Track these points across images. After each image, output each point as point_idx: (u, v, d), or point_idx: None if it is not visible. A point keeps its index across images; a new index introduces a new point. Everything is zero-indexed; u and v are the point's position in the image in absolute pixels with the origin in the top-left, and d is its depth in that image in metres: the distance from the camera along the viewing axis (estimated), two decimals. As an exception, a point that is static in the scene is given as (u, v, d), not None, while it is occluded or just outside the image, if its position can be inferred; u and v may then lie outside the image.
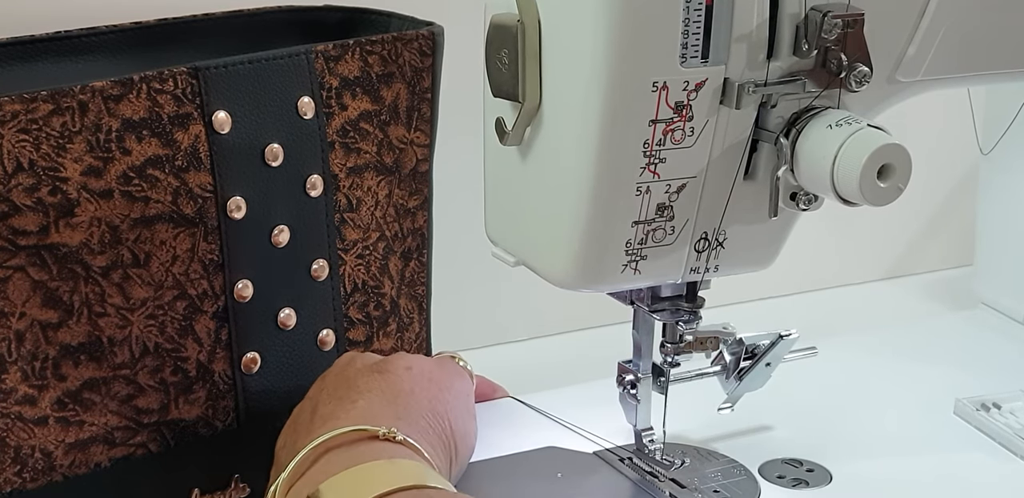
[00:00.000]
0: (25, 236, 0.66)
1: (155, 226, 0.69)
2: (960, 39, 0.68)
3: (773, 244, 0.69)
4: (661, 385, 0.73)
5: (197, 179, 0.70)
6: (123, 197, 0.68)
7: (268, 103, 0.72)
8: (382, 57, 0.77)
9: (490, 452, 0.75)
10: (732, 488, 0.72)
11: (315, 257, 0.76)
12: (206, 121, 0.70)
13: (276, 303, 0.75)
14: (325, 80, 0.74)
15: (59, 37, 0.75)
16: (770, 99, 0.64)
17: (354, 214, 0.77)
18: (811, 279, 1.14)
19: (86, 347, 0.68)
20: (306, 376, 0.77)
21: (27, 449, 0.68)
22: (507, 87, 0.65)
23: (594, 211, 0.64)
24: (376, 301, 0.80)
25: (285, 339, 0.76)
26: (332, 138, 0.75)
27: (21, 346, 0.67)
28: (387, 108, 0.78)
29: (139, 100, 0.68)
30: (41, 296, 0.67)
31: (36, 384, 0.67)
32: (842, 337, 0.82)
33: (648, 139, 0.63)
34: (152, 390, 0.71)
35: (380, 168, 0.78)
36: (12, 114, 0.64)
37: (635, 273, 0.66)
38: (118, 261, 0.69)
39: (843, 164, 0.62)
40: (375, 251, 0.79)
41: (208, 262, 0.72)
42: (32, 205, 0.66)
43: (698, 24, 0.62)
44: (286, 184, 0.74)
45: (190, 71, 0.69)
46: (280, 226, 0.74)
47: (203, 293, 0.72)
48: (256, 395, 0.75)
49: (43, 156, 0.65)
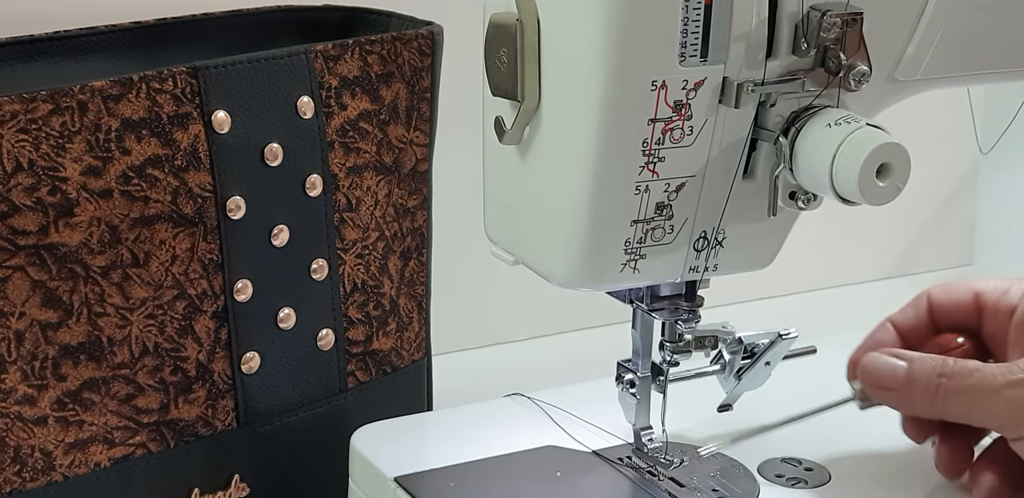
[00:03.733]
0: (24, 236, 0.66)
1: (155, 226, 0.69)
2: (959, 38, 0.68)
3: (772, 243, 0.69)
4: (660, 384, 0.73)
5: (196, 179, 0.70)
6: (123, 197, 0.68)
7: (267, 103, 0.72)
8: (381, 57, 0.77)
9: (490, 451, 0.75)
10: (731, 487, 0.72)
11: (314, 257, 0.76)
12: (205, 121, 0.70)
13: (275, 303, 0.75)
14: (324, 80, 0.74)
15: (58, 37, 0.75)
16: (769, 98, 0.64)
17: (353, 214, 0.77)
18: (811, 279, 1.15)
19: (86, 347, 0.68)
20: (306, 376, 0.77)
21: (27, 449, 0.68)
22: (506, 86, 0.65)
23: (593, 210, 0.64)
24: (375, 301, 0.80)
25: (285, 339, 0.76)
26: (331, 138, 0.75)
27: (21, 346, 0.67)
28: (386, 108, 0.78)
29: (139, 100, 0.68)
30: (41, 296, 0.67)
31: (36, 384, 0.67)
32: (842, 337, 0.82)
33: (647, 138, 0.63)
34: (152, 390, 0.71)
35: (379, 168, 0.78)
36: (12, 114, 0.64)
37: (634, 272, 0.66)
38: (118, 261, 0.69)
39: (842, 163, 0.62)
40: (374, 251, 0.79)
41: (208, 262, 0.72)
42: (32, 205, 0.66)
43: (697, 23, 0.62)
44: (285, 184, 0.74)
45: (189, 71, 0.69)
46: (279, 226, 0.74)
47: (203, 293, 0.72)
48: (256, 395, 0.75)
49: (42, 156, 0.65)
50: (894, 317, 0.75)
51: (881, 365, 0.70)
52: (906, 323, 0.75)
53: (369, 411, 0.79)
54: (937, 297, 0.75)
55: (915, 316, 0.75)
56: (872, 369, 0.71)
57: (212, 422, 0.74)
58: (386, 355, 0.81)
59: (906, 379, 0.69)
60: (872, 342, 0.75)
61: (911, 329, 0.75)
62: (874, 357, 0.71)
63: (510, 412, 0.79)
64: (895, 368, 0.70)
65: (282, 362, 0.76)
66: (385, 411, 0.79)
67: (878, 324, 0.75)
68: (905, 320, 0.75)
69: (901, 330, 0.75)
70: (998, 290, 0.73)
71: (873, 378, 0.71)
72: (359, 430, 0.76)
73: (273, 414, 0.76)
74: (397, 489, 0.71)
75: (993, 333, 0.73)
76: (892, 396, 0.70)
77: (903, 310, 0.76)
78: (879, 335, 0.75)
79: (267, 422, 0.76)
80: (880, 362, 0.70)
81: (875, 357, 0.71)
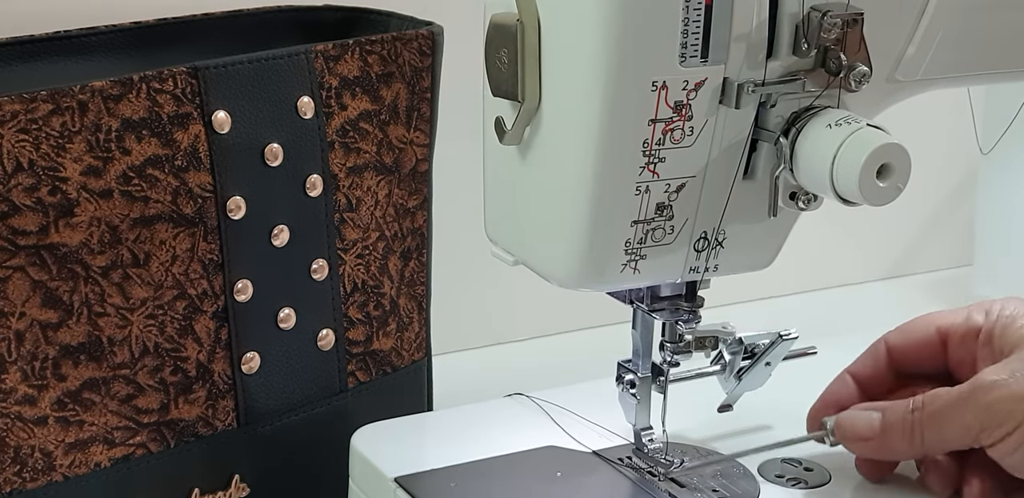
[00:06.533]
0: (25, 236, 0.66)
1: (155, 226, 0.69)
2: (960, 39, 0.68)
3: (773, 244, 0.69)
4: (661, 384, 0.73)
5: (197, 179, 0.70)
6: (123, 197, 0.68)
7: (268, 103, 0.72)
8: (382, 57, 0.77)
9: (490, 452, 0.75)
10: (731, 487, 0.72)
11: (315, 257, 0.76)
12: (206, 121, 0.70)
13: (276, 303, 0.75)
14: (325, 80, 0.74)
15: (58, 37, 0.75)
16: (769, 99, 0.64)
17: (354, 214, 0.77)
18: (811, 279, 1.15)
19: (86, 347, 0.68)
20: (306, 376, 0.77)
21: (27, 449, 0.68)
22: (506, 86, 0.65)
23: (593, 210, 0.64)
24: (376, 301, 0.80)
25: (285, 339, 0.76)
26: (332, 138, 0.75)
27: (21, 346, 0.67)
28: (387, 108, 0.78)
29: (139, 100, 0.68)
30: (41, 296, 0.67)
31: (36, 384, 0.67)
32: (842, 337, 0.82)
33: (647, 138, 0.63)
34: (152, 390, 0.71)
35: (380, 168, 0.78)
36: (12, 114, 0.64)
37: (634, 272, 0.66)
38: (118, 261, 0.69)
39: (842, 164, 0.62)
40: (375, 251, 0.79)
41: (208, 262, 0.72)
42: (32, 205, 0.66)
43: (697, 24, 0.62)
44: (286, 184, 0.74)
45: (190, 71, 0.69)
46: (280, 226, 0.74)
47: (203, 293, 0.72)
48: (256, 395, 0.75)
49: (43, 156, 0.65)
50: (852, 368, 0.76)
51: (857, 419, 0.72)
52: (864, 373, 0.76)
53: (369, 411, 0.79)
54: (894, 341, 0.76)
55: (872, 365, 0.76)
56: (849, 424, 0.72)
57: (212, 422, 0.74)
58: (386, 355, 0.81)
59: (882, 426, 0.71)
60: (830, 396, 0.75)
61: (869, 378, 0.75)
62: (849, 414, 0.72)
63: (510, 412, 0.79)
64: (870, 419, 0.71)
65: (282, 362, 0.76)
66: (385, 411, 0.79)
67: (836, 377, 0.76)
68: (863, 370, 0.76)
69: (860, 380, 0.75)
70: (958, 318, 0.74)
71: (851, 432, 0.72)
72: (359, 430, 0.76)
73: (273, 414, 0.76)
74: (397, 489, 0.71)
75: (961, 359, 0.74)
76: (872, 445, 0.71)
77: (861, 360, 0.76)
78: (836, 388, 0.76)
79: (267, 422, 0.76)
80: (856, 417, 0.72)
81: (850, 413, 0.72)
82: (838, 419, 0.72)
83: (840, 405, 0.74)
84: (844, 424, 0.72)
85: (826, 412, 0.74)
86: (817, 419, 0.74)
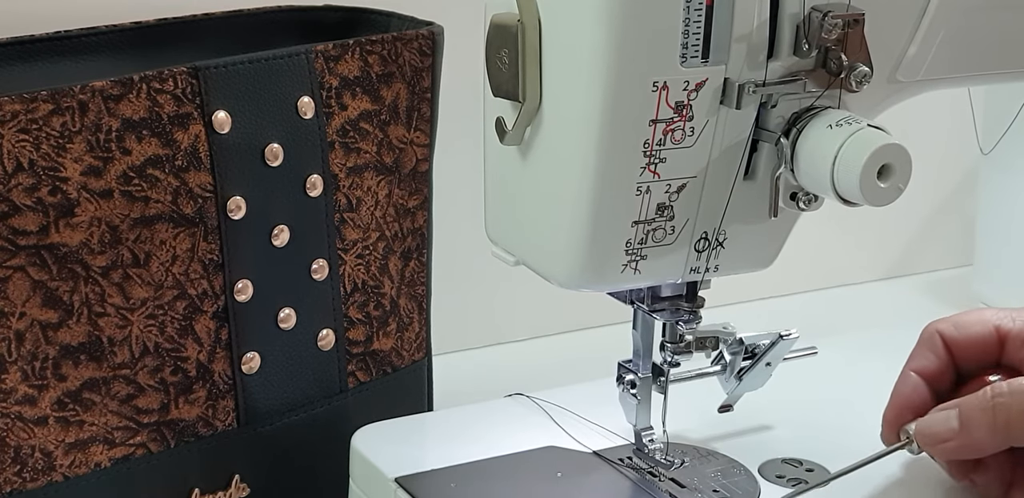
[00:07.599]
0: (25, 236, 0.66)
1: (155, 226, 0.69)
2: (961, 39, 0.68)
3: (773, 244, 0.69)
4: (661, 385, 0.73)
5: (197, 179, 0.70)
6: (123, 197, 0.68)
7: (268, 103, 0.72)
8: (382, 57, 0.77)
9: (490, 452, 0.75)
10: (731, 488, 0.72)
11: (315, 257, 0.76)
12: (206, 121, 0.70)
13: (276, 303, 0.75)
14: (325, 80, 0.74)
15: (58, 37, 0.75)
16: (770, 99, 0.64)
17: (354, 214, 0.77)
18: (811, 279, 1.15)
19: (86, 347, 0.68)
20: (306, 376, 0.77)
21: (27, 449, 0.68)
22: (507, 87, 0.65)
23: (594, 211, 0.64)
24: (376, 301, 0.80)
25: (285, 339, 0.76)
26: (332, 138, 0.75)
27: (21, 346, 0.67)
28: (387, 108, 0.78)
29: (139, 100, 0.68)
30: (41, 296, 0.67)
31: (36, 384, 0.67)
32: (842, 337, 0.82)
33: (648, 139, 0.63)
34: (152, 390, 0.71)
35: (380, 168, 0.78)
36: (12, 114, 0.64)
37: (635, 273, 0.66)
38: (118, 261, 0.69)
39: (843, 164, 0.62)
40: (375, 251, 0.79)
41: (208, 262, 0.72)
42: (32, 205, 0.66)
43: (698, 24, 0.62)
44: (286, 184, 0.74)
45: (190, 71, 0.69)
46: (280, 226, 0.74)
47: (203, 293, 0.72)
48: (256, 395, 0.75)
49: (43, 156, 0.65)
50: (914, 365, 0.73)
51: (934, 422, 0.69)
52: (930, 368, 0.73)
53: (369, 411, 0.79)
54: (951, 335, 0.73)
55: (936, 359, 0.73)
56: (927, 430, 0.69)
57: (212, 422, 0.74)
58: (386, 355, 0.81)
59: (961, 421, 0.68)
60: (900, 399, 0.72)
61: (936, 374, 0.73)
62: (926, 419, 0.69)
63: (511, 412, 0.79)
64: (947, 418, 0.68)
65: (282, 362, 0.76)
66: (385, 411, 0.79)
67: (899, 376, 0.73)
68: (928, 364, 0.73)
69: (927, 376, 0.72)
70: (1008, 318, 0.72)
71: (931, 437, 0.69)
72: (360, 430, 0.76)
73: (273, 414, 0.76)
74: (397, 489, 0.71)
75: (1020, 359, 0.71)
76: (953, 446, 0.69)
77: (920, 355, 0.73)
78: (903, 389, 0.72)
79: (267, 422, 0.76)
80: (932, 420, 0.69)
81: (927, 418, 0.69)
82: (917, 426, 0.70)
83: (913, 407, 0.71)
84: (923, 430, 0.69)
85: (903, 417, 0.71)
86: (895, 427, 0.71)
